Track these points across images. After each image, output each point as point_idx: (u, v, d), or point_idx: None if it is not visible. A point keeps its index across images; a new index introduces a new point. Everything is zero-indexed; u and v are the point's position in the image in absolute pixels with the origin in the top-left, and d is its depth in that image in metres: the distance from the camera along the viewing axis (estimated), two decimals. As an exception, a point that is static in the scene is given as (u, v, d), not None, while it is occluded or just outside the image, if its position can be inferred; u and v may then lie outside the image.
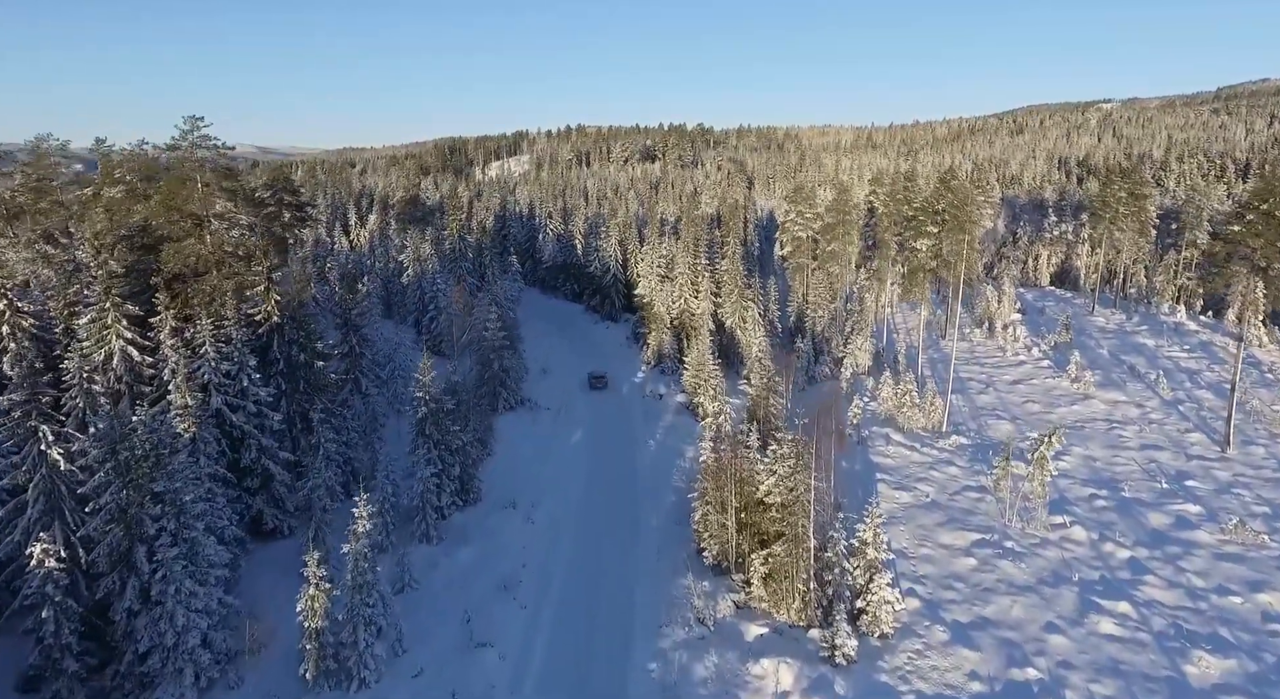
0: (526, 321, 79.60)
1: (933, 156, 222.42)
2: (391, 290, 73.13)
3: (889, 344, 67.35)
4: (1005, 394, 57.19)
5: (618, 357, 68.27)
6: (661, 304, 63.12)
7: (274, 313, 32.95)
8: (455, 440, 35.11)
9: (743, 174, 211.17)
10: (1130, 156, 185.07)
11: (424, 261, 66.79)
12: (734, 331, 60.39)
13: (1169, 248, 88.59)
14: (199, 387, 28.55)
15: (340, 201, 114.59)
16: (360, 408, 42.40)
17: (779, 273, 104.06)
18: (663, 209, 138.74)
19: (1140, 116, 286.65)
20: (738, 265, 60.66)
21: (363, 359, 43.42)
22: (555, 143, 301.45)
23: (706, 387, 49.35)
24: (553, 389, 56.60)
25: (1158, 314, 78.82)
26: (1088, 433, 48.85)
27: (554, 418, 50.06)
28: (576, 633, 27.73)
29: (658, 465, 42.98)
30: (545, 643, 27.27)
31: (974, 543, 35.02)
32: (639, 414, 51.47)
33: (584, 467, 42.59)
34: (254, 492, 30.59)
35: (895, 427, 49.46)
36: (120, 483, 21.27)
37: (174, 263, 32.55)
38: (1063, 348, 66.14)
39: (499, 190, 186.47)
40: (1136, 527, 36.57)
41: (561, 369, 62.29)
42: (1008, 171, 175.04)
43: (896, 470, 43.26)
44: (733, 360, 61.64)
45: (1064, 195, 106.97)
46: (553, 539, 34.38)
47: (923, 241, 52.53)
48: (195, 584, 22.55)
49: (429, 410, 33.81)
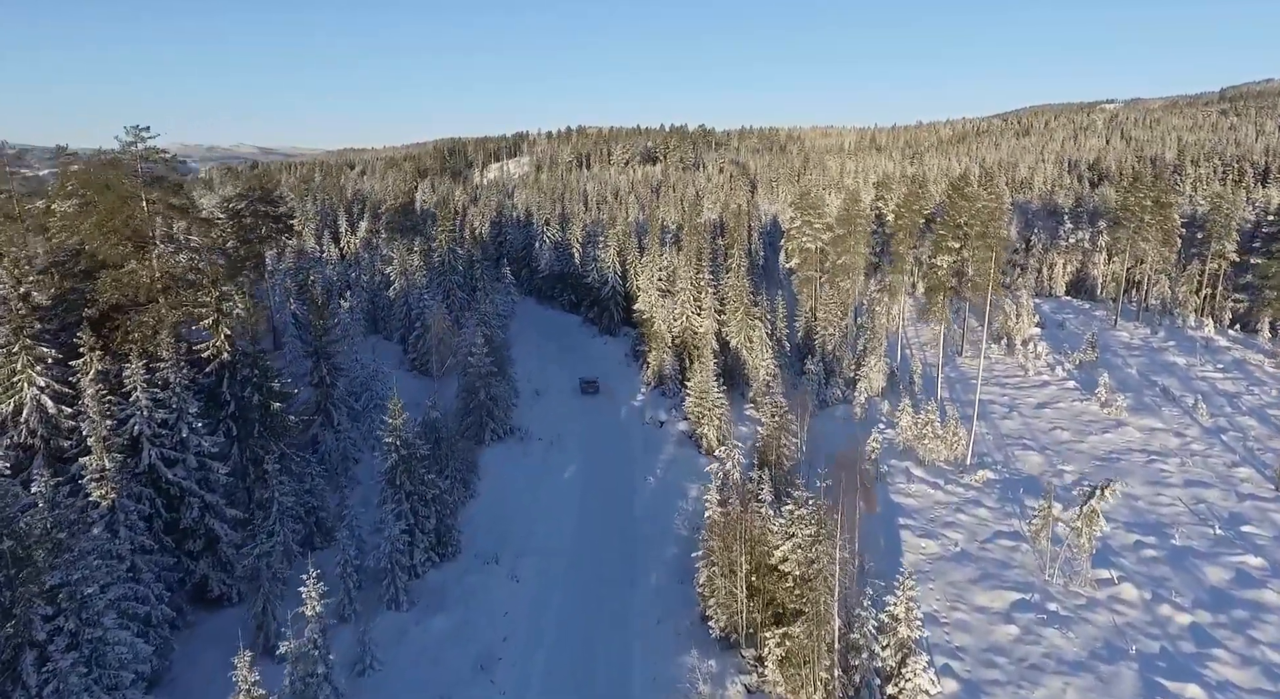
0: (520, 335, 75.92)
1: (938, 159, 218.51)
2: (378, 305, 69.33)
3: (903, 363, 63.46)
4: (1031, 420, 53.31)
5: (616, 375, 64.45)
6: (662, 321, 59.28)
7: (225, 348, 29.16)
8: (431, 489, 31.31)
9: (745, 177, 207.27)
10: (1141, 160, 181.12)
11: (411, 275, 62.99)
12: (739, 352, 56.55)
13: (1192, 257, 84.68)
14: (128, 440, 24.77)
15: (330, 207, 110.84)
16: (331, 444, 38.63)
17: (784, 282, 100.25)
18: (664, 214, 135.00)
19: (1147, 117, 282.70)
20: (743, 280, 56.83)
21: (335, 390, 39.62)
22: (555, 144, 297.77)
23: (711, 416, 45.55)
24: (545, 415, 52.76)
25: (1184, 328, 74.88)
26: (1125, 466, 44.99)
27: (545, 450, 46.22)
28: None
29: (657, 507, 39.13)
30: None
31: (1013, 605, 31.17)
32: (638, 444, 47.63)
33: (576, 509, 38.74)
34: (196, 555, 26.80)
35: (915, 459, 45.62)
36: (3, 578, 17.52)
37: (111, 292, 28.75)
38: (1088, 367, 62.28)
39: (497, 194, 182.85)
40: (1193, 583, 32.71)
41: (555, 390, 58.48)
42: (1016, 175, 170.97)
43: (920, 513, 39.39)
44: (737, 381, 57.86)
45: (1080, 201, 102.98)
46: (539, 602, 30.54)
47: (944, 258, 48.68)
48: (102, 691, 18.77)
49: (400, 457, 30.00)
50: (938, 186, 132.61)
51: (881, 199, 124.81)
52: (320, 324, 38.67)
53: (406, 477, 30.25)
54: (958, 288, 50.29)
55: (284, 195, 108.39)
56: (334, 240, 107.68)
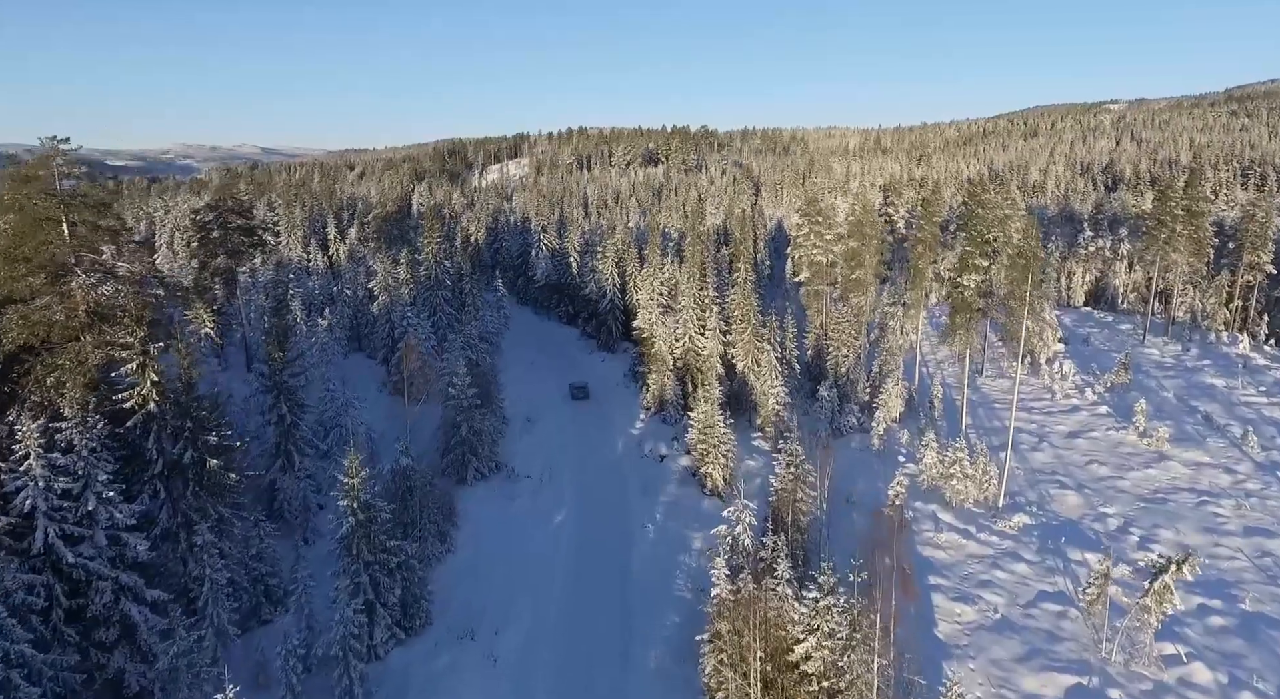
0: (513, 351, 71.72)
1: (946, 161, 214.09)
2: (361, 320, 65.19)
3: (922, 386, 59.13)
4: (1063, 451, 49.03)
5: (614, 397, 60.28)
6: (663, 341, 55.04)
7: (152, 397, 24.99)
8: (395, 556, 27.11)
9: (749, 179, 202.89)
10: (1155, 162, 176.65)
11: (394, 290, 58.82)
12: (746, 375, 52.29)
13: (1221, 267, 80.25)
14: (19, 517, 20.66)
15: (319, 213, 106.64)
16: (292, 491, 34.44)
17: (791, 293, 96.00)
18: (665, 220, 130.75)
19: (1155, 118, 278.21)
20: (750, 298, 52.56)
21: (297, 429, 35.44)
22: (556, 145, 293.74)
23: (716, 453, 41.32)
24: (536, 446, 48.56)
25: (1218, 345, 70.56)
26: (1174, 509, 40.69)
27: (535, 490, 41.99)
28: None
29: (657, 563, 34.90)
30: None
31: (1069, 692, 26.90)
32: (636, 483, 43.40)
33: (566, 566, 34.51)
34: (109, 647, 22.63)
35: (942, 501, 41.34)
36: None
37: (18, 333, 24.61)
38: (1120, 390, 57.96)
39: (495, 197, 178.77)
40: (1274, 661, 28.42)
41: (549, 418, 54.24)
42: (1028, 178, 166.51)
43: (952, 569, 35.11)
44: (744, 406, 53.60)
45: (1100, 208, 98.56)
46: (520, 690, 26.31)
47: (971, 277, 44.40)
48: None
49: (358, 522, 25.80)
50: (948, 190, 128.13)
51: (891, 204, 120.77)
52: (279, 356, 34.48)
53: (365, 544, 26.04)
54: (985, 309, 46.03)
55: (272, 202, 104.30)
56: (322, 248, 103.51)
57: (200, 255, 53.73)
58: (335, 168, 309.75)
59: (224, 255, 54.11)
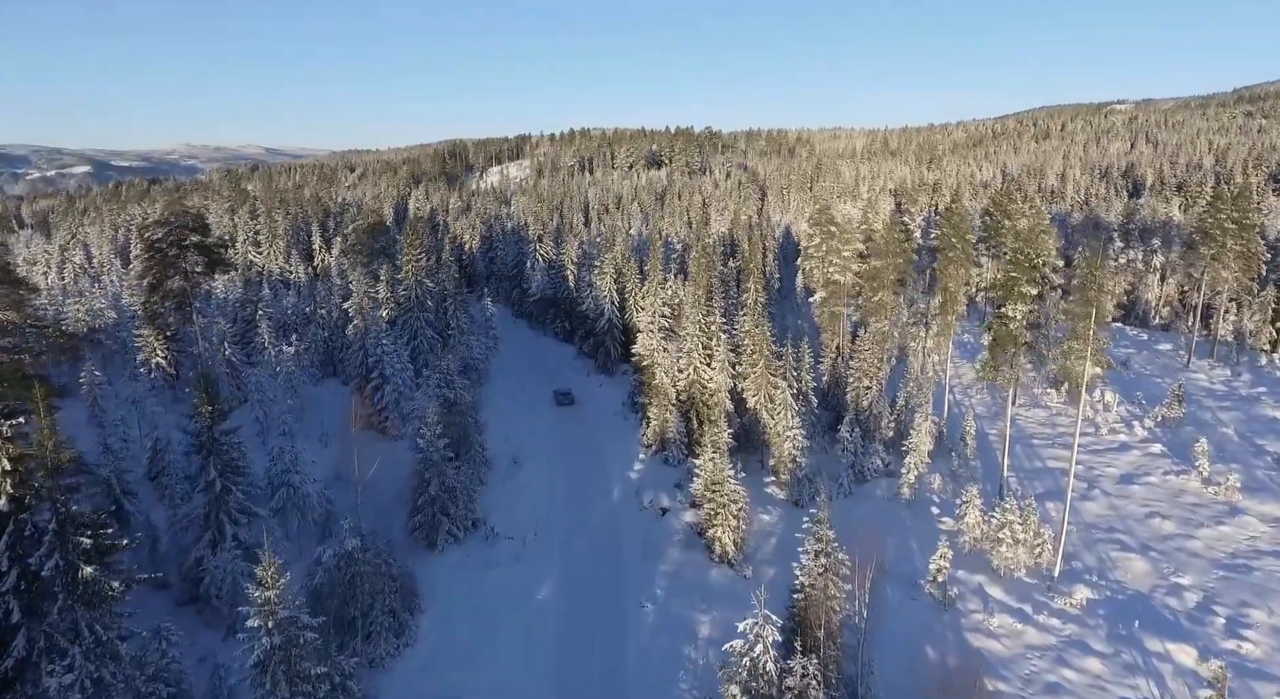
0: (501, 378, 66.01)
1: (957, 164, 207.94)
2: (334, 345, 59.62)
3: (952, 420, 53.33)
4: (1118, 500, 43.27)
5: (611, 430, 54.67)
6: (665, 373, 49.35)
7: (3, 488, 19.44)
8: (325, 682, 21.44)
9: (754, 183, 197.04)
10: (1175, 166, 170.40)
11: (369, 312, 53.22)
12: (758, 412, 46.59)
13: (1267, 281, 74.33)
14: None
15: (304, 220, 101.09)
16: (220, 573, 28.85)
17: (802, 307, 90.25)
18: (668, 227, 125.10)
19: (1168, 120, 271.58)
20: (763, 327, 46.81)
21: (229, 496, 29.86)
22: (558, 146, 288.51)
23: (725, 514, 35.63)
24: (522, 494, 42.95)
25: (1271, 369, 64.66)
26: (1260, 580, 34.92)
27: (516, 554, 36.35)
28: None
29: (656, 657, 29.26)
30: None
31: None
32: (633, 544, 37.74)
33: (548, 663, 28.85)
34: None
35: (988, 570, 35.63)
36: None
37: None
38: (1173, 424, 52.12)
39: (493, 202, 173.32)
40: None
41: (537, 458, 48.59)
42: (1045, 183, 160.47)
43: (1010, 666, 29.38)
44: (756, 445, 47.99)
45: (1131, 217, 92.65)
46: None
47: (1018, 308, 38.62)
48: None
49: (273, 645, 20.19)
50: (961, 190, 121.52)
51: (906, 212, 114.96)
52: (208, 410, 28.90)
53: (285, 671, 20.43)
54: (1032, 342, 40.30)
55: (254, 208, 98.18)
56: (307, 258, 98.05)
57: (151, 277, 48.18)
58: (334, 169, 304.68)
59: (179, 277, 48.58)
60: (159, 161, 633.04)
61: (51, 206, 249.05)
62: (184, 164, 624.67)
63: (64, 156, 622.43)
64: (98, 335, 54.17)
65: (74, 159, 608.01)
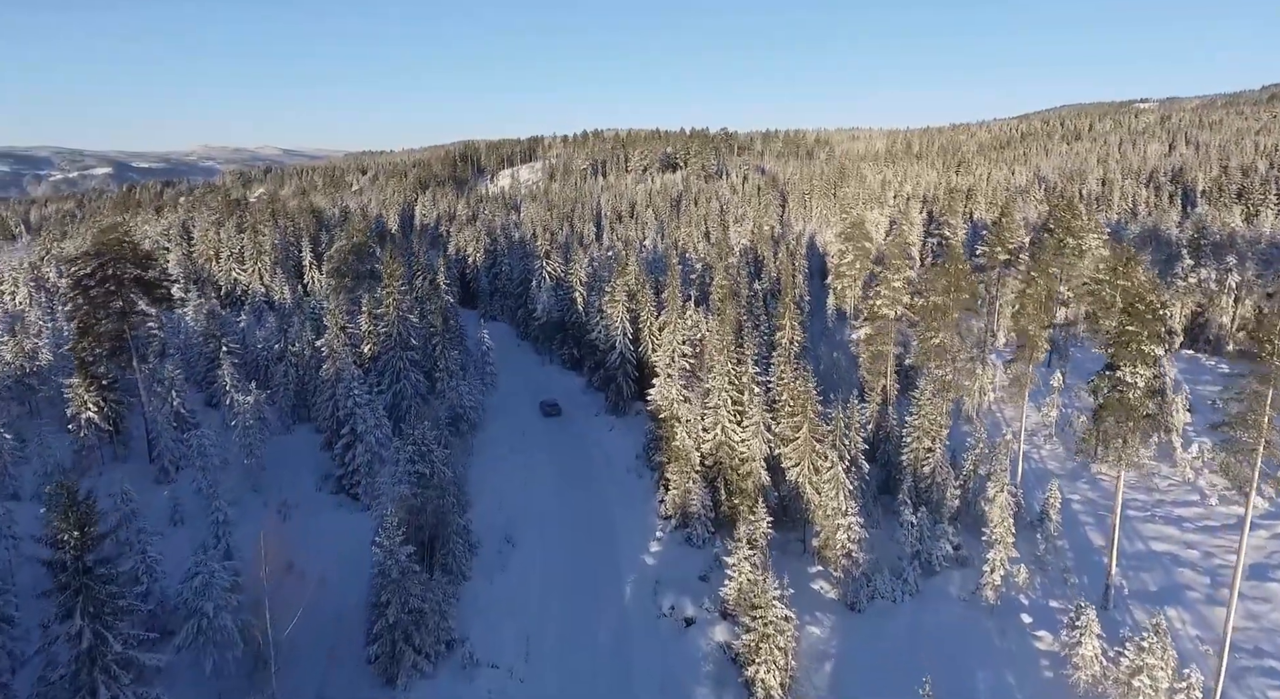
0: (499, 420, 57.97)
1: (987, 168, 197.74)
2: (307, 386, 51.98)
3: (1026, 487, 44.76)
4: (1254, 605, 34.74)
5: (623, 492, 46.81)
6: (687, 432, 41.27)
7: None
8: None
9: (774, 188, 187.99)
10: (1227, 170, 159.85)
11: (340, 356, 45.51)
12: (801, 486, 38.38)
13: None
14: None
15: (293, 234, 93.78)
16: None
17: (834, 333, 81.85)
18: (685, 237, 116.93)
19: (1203, 119, 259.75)
20: (806, 380, 38.49)
21: (106, 647, 22.08)
22: (571, 148, 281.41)
23: (769, 646, 27.45)
24: (512, 595, 35.01)
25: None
26: None
27: (501, 692, 28.36)
28: None
29: None
30: None
31: None
32: (651, 679, 29.63)
33: None
34: None
35: (1115, 724, 27.30)
36: None
37: None
38: (1298, 492, 43.37)
39: (501, 208, 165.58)
40: None
41: (535, 529, 40.73)
42: (1086, 188, 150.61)
43: None
44: (797, 522, 39.86)
45: (1202, 231, 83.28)
46: None
47: (1138, 372, 30.14)
48: None
49: None
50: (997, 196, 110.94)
51: (946, 223, 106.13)
52: (72, 537, 21.15)
53: None
54: (1156, 414, 31.87)
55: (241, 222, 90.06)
56: (297, 275, 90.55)
57: (79, 319, 40.78)
58: (344, 171, 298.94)
59: (112, 317, 41.14)
60: (178, 163, 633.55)
61: (57, 212, 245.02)
62: (202, 165, 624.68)
63: (86, 158, 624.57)
64: (28, 381, 46.80)
65: (95, 161, 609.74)
